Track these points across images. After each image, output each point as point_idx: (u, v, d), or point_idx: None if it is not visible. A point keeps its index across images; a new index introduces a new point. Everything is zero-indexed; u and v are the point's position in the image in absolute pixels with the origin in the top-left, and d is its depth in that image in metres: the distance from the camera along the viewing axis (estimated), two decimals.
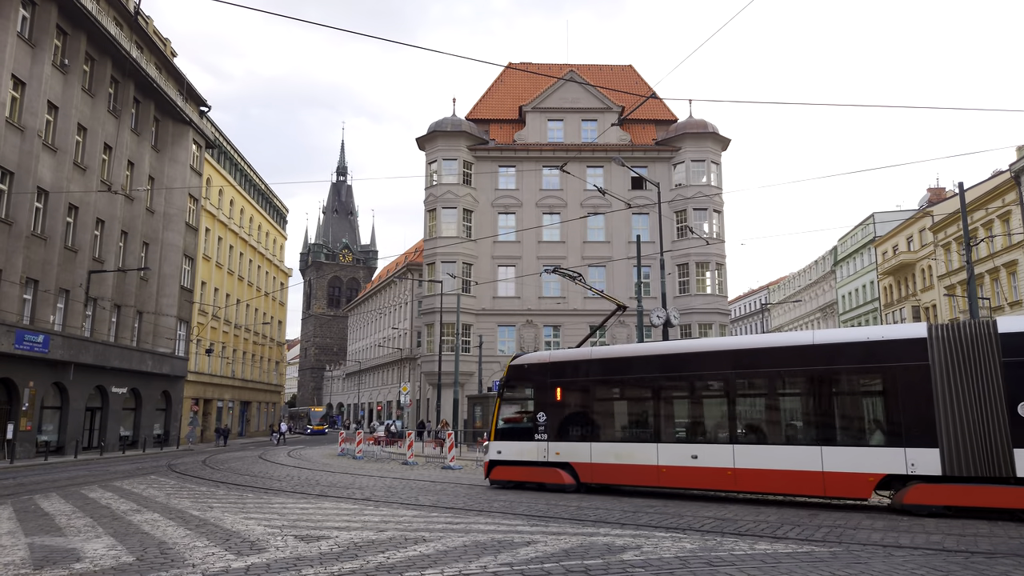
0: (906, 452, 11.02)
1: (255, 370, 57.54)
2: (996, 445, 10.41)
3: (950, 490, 10.62)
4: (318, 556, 7.37)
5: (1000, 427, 10.42)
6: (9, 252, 25.38)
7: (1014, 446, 10.27)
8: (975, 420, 10.62)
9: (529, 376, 15.50)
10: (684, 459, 13.02)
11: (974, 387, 10.69)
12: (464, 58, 11.68)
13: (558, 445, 14.67)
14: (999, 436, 10.42)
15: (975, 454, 10.52)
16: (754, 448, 12.42)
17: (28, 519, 10.46)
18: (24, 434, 26.57)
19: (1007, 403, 10.44)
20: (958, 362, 10.85)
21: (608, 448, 14.07)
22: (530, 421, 15.25)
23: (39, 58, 27.15)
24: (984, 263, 42.22)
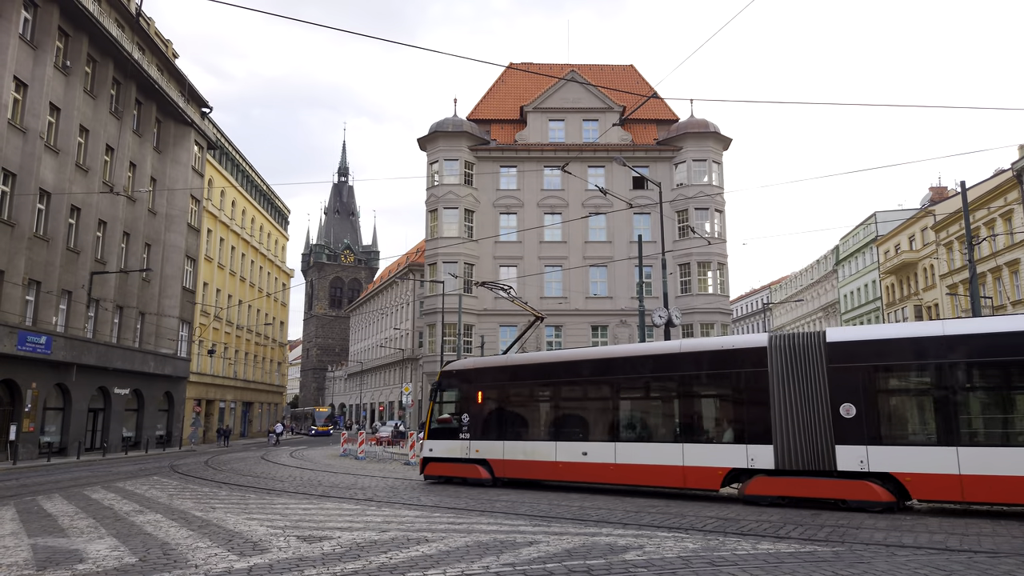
0: (747, 448, 12.38)
1: (257, 371, 57.59)
2: (821, 442, 11.65)
3: (784, 482, 11.96)
4: (321, 556, 7.38)
5: (825, 426, 11.65)
6: (11, 253, 25.42)
7: (836, 443, 11.49)
8: (805, 420, 11.84)
9: (457, 381, 17.07)
10: (576, 455, 14.54)
11: (805, 391, 11.93)
12: (465, 58, 11.71)
13: (478, 443, 16.20)
14: (824, 434, 11.64)
15: (804, 450, 11.78)
16: (631, 445, 13.90)
17: (31, 520, 10.47)
18: (27, 435, 26.60)
19: (831, 405, 11.63)
20: (792, 369, 12.11)
21: (517, 446, 15.61)
22: (457, 422, 16.68)
23: (41, 60, 27.20)
24: (986, 262, 42.15)
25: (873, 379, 11.58)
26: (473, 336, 39.43)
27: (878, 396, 11.54)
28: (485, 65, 36.67)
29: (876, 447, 11.26)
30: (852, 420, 11.50)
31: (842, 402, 11.60)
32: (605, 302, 40.27)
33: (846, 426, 11.50)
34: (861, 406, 11.48)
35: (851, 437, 11.44)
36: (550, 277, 40.77)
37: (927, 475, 10.81)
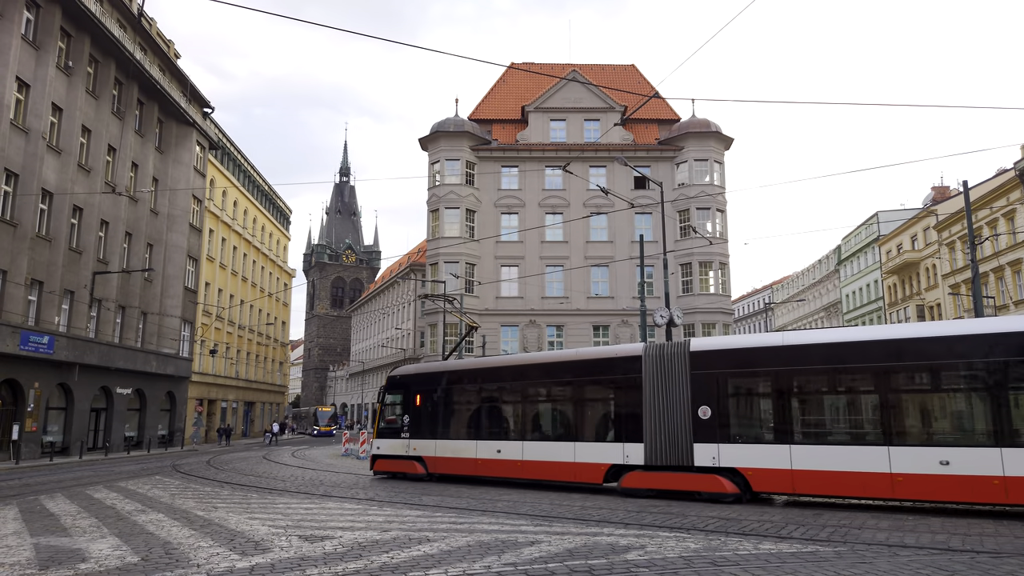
0: (624, 447, 13.86)
1: (259, 371, 57.63)
2: (682, 441, 13.06)
3: (653, 476, 13.40)
4: (322, 556, 7.38)
5: (685, 427, 13.05)
6: (14, 253, 25.46)
7: (694, 442, 12.89)
8: (669, 421, 13.24)
9: (400, 385, 18.78)
10: (493, 453, 16.06)
11: (670, 395, 13.32)
12: (466, 58, 11.67)
13: (415, 442, 17.86)
14: (684, 434, 13.05)
15: (668, 448, 13.20)
16: (535, 444, 15.46)
17: (34, 519, 10.49)
18: (29, 435, 26.65)
19: (691, 408, 13.00)
20: (661, 375, 13.50)
21: (446, 444, 17.19)
22: (399, 423, 18.42)
23: (43, 60, 27.24)
24: (988, 262, 42.09)
25: (724, 385, 12.95)
26: (474, 336, 39.44)
27: (728, 400, 12.93)
28: (487, 65, 36.68)
29: (726, 445, 12.65)
30: (707, 421, 12.87)
31: (700, 405, 12.99)
32: (607, 302, 40.25)
33: (702, 426, 12.90)
34: (715, 409, 12.86)
35: (706, 436, 12.84)
36: (551, 277, 40.75)
37: (766, 470, 12.18)
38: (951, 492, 10.66)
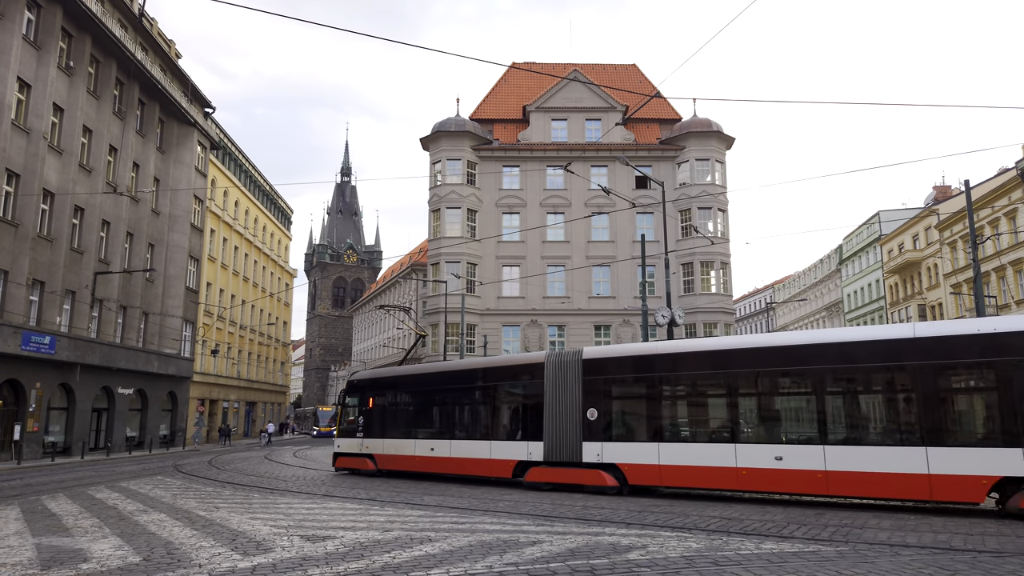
0: (528, 445, 15.35)
1: (260, 371, 57.66)
2: (573, 439, 14.54)
3: (550, 471, 14.90)
4: (324, 556, 7.38)
5: (576, 427, 14.55)
6: (15, 254, 25.48)
7: (583, 440, 14.38)
8: (564, 422, 14.76)
9: (356, 389, 20.59)
10: (427, 451, 17.78)
11: (565, 398, 14.82)
12: (468, 58, 11.66)
13: (367, 441, 19.61)
14: (575, 433, 14.53)
15: (562, 446, 14.70)
16: (460, 443, 17.03)
17: (35, 519, 10.50)
18: (31, 435, 26.67)
19: (582, 410, 14.48)
20: (559, 380, 14.97)
21: (391, 443, 18.92)
22: (356, 423, 20.14)
23: (44, 60, 27.25)
24: (990, 261, 42.05)
25: (608, 389, 14.54)
26: (476, 336, 39.44)
27: (611, 402, 14.51)
28: (488, 64, 36.79)
29: (608, 443, 14.19)
30: (594, 422, 14.40)
31: (589, 407, 14.52)
32: (608, 302, 40.24)
33: (590, 427, 14.42)
34: (600, 411, 14.42)
35: (593, 435, 14.36)
36: (553, 277, 40.75)
37: (640, 465, 13.72)
38: (785, 484, 12.07)
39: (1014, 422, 10.39)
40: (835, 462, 11.56)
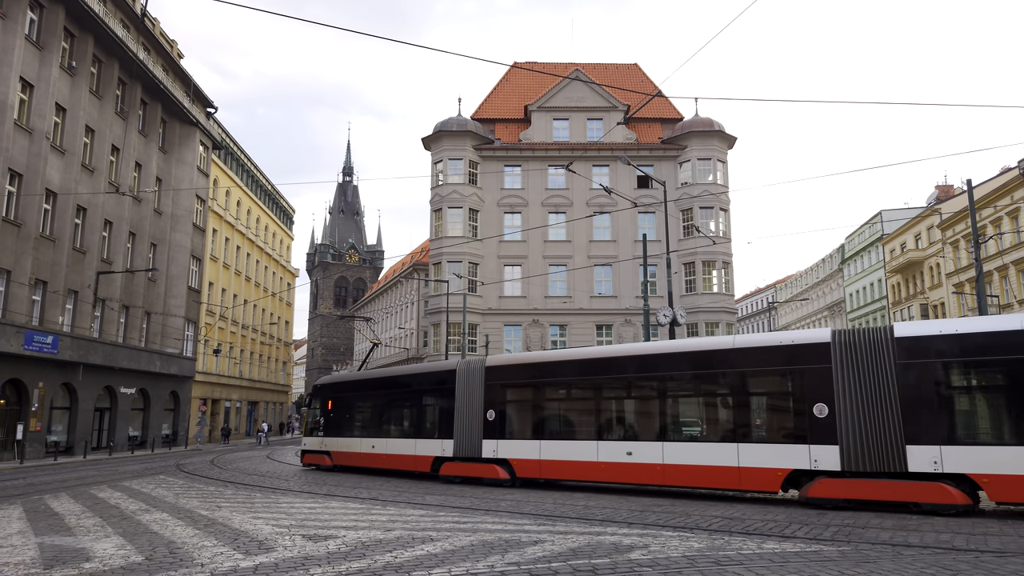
0: (442, 442, 17.30)
1: (262, 370, 57.71)
2: (476, 438, 16.41)
3: (458, 466, 16.79)
4: (326, 555, 7.39)
5: (478, 427, 16.42)
6: (18, 253, 25.52)
7: (483, 438, 16.28)
8: (468, 422, 16.62)
9: (318, 393, 22.80)
10: (369, 448, 19.93)
11: (470, 401, 16.71)
12: (469, 57, 11.66)
13: (326, 439, 21.86)
14: (477, 432, 16.41)
15: (467, 443, 16.55)
16: (393, 440, 19.16)
17: (38, 519, 10.52)
18: (34, 434, 26.72)
19: (483, 412, 16.43)
20: (466, 385, 16.87)
21: (343, 441, 21.09)
22: (318, 423, 22.37)
23: (47, 60, 27.29)
24: (993, 260, 41.98)
25: (504, 393, 16.39)
26: (478, 335, 39.45)
27: (505, 405, 16.31)
28: (490, 63, 36.81)
29: (502, 441, 15.98)
30: (492, 422, 16.22)
31: (488, 409, 16.38)
32: (610, 301, 40.22)
33: (489, 427, 16.25)
34: (496, 412, 16.28)
35: (490, 434, 16.19)
36: (555, 276, 40.73)
37: (525, 460, 15.47)
38: (633, 476, 13.83)
39: (801, 423, 12.08)
40: (671, 457, 13.36)
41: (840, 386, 11.72)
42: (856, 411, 11.54)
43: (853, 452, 11.44)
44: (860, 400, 11.57)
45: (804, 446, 11.90)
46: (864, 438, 11.41)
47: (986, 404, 11.31)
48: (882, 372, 11.43)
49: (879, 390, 11.42)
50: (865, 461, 11.34)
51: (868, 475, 11.38)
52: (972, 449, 10.73)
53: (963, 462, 10.69)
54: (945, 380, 11.22)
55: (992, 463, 10.49)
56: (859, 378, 11.62)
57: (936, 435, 10.93)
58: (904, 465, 11.02)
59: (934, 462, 10.84)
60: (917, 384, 11.19)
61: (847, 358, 11.78)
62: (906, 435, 11.09)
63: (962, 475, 10.69)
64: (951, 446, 10.80)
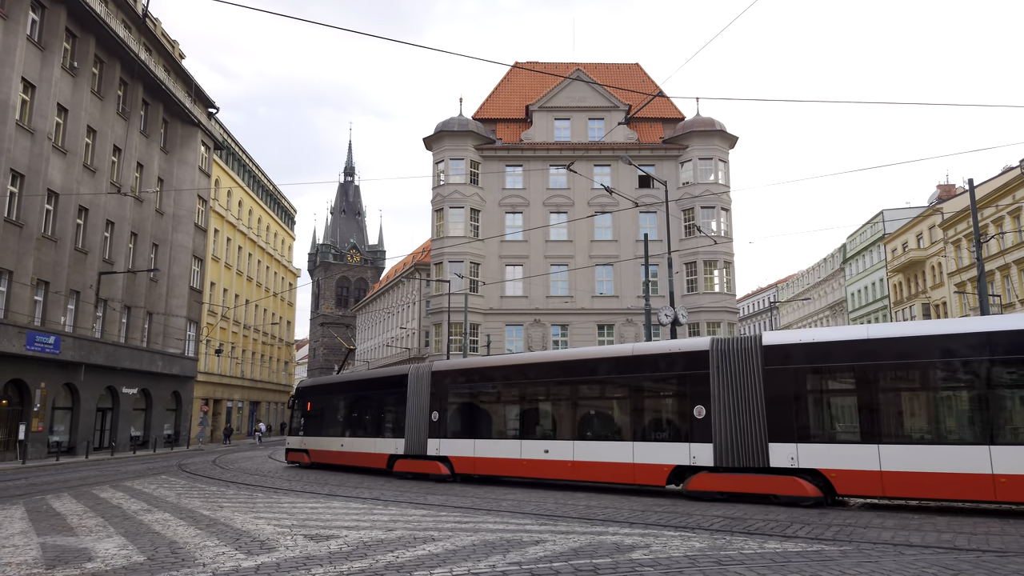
0: (396, 441, 18.83)
1: (264, 370, 57.75)
2: (422, 437, 18.01)
3: (408, 463, 18.38)
4: (328, 555, 7.40)
5: (424, 427, 17.99)
6: (20, 254, 25.56)
7: (428, 438, 17.86)
8: (417, 422, 18.25)
9: (299, 395, 24.73)
10: (339, 447, 21.66)
11: (418, 403, 18.32)
12: (471, 57, 11.65)
13: (304, 438, 23.59)
14: (423, 432, 18.03)
15: (416, 442, 18.18)
16: (357, 439, 20.85)
17: (40, 519, 10.54)
18: (36, 435, 26.76)
19: (428, 412, 18.01)
20: (415, 389, 18.50)
21: (318, 440, 22.85)
22: (299, 423, 24.18)
23: (48, 61, 27.32)
24: (995, 260, 41.94)
25: (446, 395, 17.82)
26: (479, 335, 39.45)
27: (447, 407, 17.84)
28: (491, 63, 36.79)
29: (444, 440, 17.49)
30: (436, 423, 17.75)
31: (433, 411, 17.89)
32: (611, 301, 40.21)
33: (433, 427, 17.78)
34: (440, 414, 17.78)
35: (434, 433, 17.73)
36: (556, 276, 40.72)
37: (463, 457, 16.99)
38: (550, 472, 15.21)
39: (684, 423, 13.43)
40: (580, 454, 14.76)
41: (716, 390, 12.95)
42: (729, 412, 12.76)
43: (725, 449, 12.68)
44: (732, 402, 12.74)
45: (686, 444, 13.26)
46: (734, 437, 12.63)
47: (834, 406, 12.38)
48: (751, 377, 12.63)
49: (748, 393, 12.60)
50: (735, 457, 12.56)
51: (738, 470, 12.55)
52: (822, 447, 11.85)
53: (815, 458, 11.82)
54: (801, 384, 12.33)
55: (839, 459, 11.63)
56: (732, 383, 12.83)
57: (793, 434, 12.08)
58: (767, 461, 12.19)
59: (791, 458, 12.00)
60: (779, 388, 12.35)
61: (723, 364, 12.99)
62: (769, 434, 12.26)
63: (814, 470, 11.78)
64: (805, 444, 11.96)
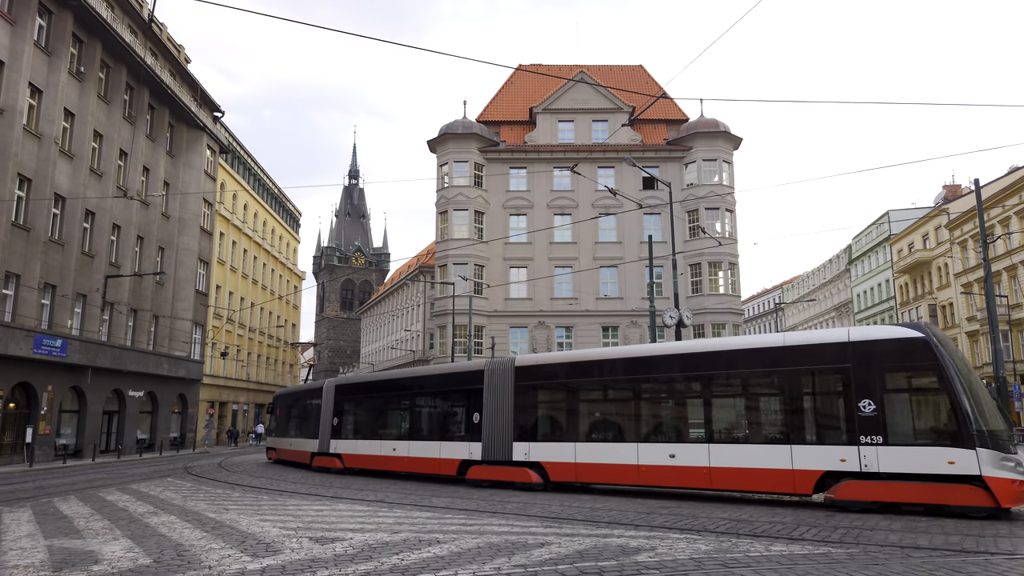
0: (313, 441, 22.73)
1: (270, 373, 57.86)
2: (327, 438, 22.11)
3: (319, 459, 22.33)
4: (333, 558, 7.41)
5: (327, 430, 22.14)
6: (27, 258, 25.68)
7: (331, 439, 21.84)
8: (323, 427, 22.31)
9: (275, 401, 29.12)
10: (288, 445, 25.47)
11: (324, 412, 22.37)
12: (474, 60, 11.67)
13: (275, 439, 27.84)
14: (327, 434, 22.06)
15: (323, 442, 22.11)
16: (295, 439, 25.14)
17: (47, 521, 10.57)
18: (43, 437, 26.86)
19: (329, 418, 22.19)
20: (326, 399, 22.44)
21: (279, 440, 27.14)
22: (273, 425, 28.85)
23: (55, 66, 27.47)
24: (1001, 260, 41.75)
25: (342, 404, 21.93)
26: (484, 337, 39.46)
27: (343, 414, 21.76)
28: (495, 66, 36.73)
29: (338, 440, 21.53)
30: (336, 427, 21.77)
31: (333, 417, 21.93)
32: (616, 303, 40.18)
33: (333, 430, 21.82)
34: (338, 419, 21.83)
35: (334, 435, 21.74)
36: (560, 278, 40.72)
37: (353, 454, 20.75)
38: (432, 467, 17.87)
39: (469, 427, 17.00)
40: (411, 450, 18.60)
41: (486, 401, 16.52)
42: (492, 418, 16.32)
43: (489, 447, 16.28)
44: (495, 410, 16.27)
45: (467, 443, 16.91)
46: (495, 437, 16.18)
47: (549, 413, 15.97)
48: (506, 391, 16.12)
49: (504, 404, 16.13)
50: (495, 453, 16.17)
51: (497, 463, 16.14)
52: (542, 444, 15.42)
53: (538, 453, 15.40)
54: (533, 396, 15.99)
55: (551, 454, 15.18)
56: (495, 395, 16.36)
57: (527, 434, 15.73)
58: (511, 456, 15.78)
59: (525, 453, 15.57)
60: (522, 399, 15.95)
61: (491, 380, 16.49)
62: (514, 435, 15.83)
63: (538, 463, 15.33)
64: (534, 442, 15.54)
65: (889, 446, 10.99)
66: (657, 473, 13.51)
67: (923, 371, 11.10)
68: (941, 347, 10.98)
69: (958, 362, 11.09)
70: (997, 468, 10.29)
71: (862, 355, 11.50)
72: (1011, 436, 11.45)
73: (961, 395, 10.55)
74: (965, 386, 10.69)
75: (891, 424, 11.10)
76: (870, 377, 11.32)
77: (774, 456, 12.06)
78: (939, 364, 10.81)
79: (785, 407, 12.35)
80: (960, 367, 11.00)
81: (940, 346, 10.98)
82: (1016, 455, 10.66)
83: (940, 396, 10.88)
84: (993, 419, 11.00)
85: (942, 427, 10.84)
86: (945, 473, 10.53)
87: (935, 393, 11.00)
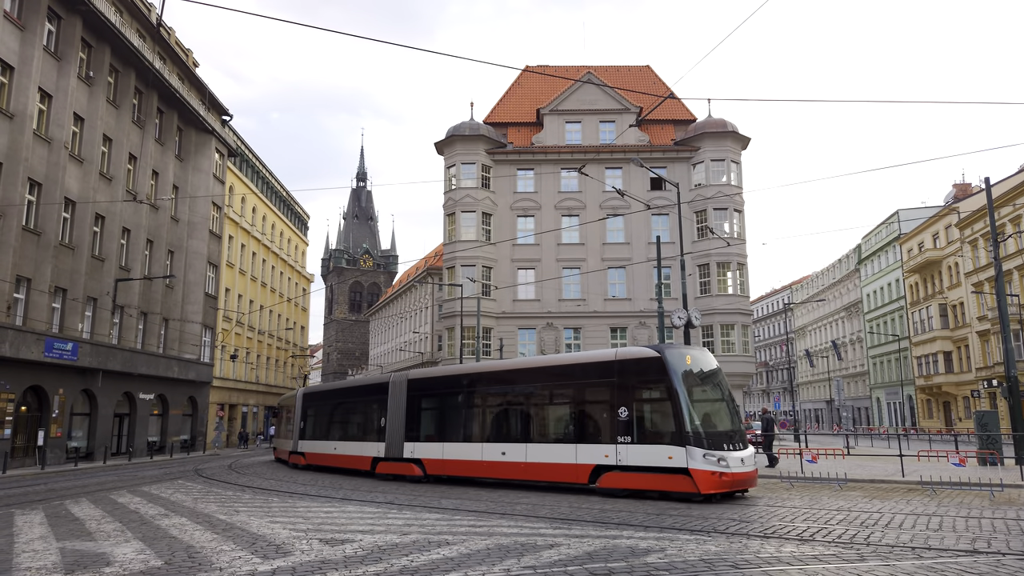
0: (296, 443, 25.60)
1: (279, 375, 58.06)
2: (294, 439, 25.78)
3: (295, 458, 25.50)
4: (343, 559, 7.42)
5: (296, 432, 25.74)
6: (38, 262, 25.87)
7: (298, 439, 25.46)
8: (291, 430, 26.27)
9: (282, 404, 30.72)
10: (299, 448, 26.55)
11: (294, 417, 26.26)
12: (482, 62, 11.69)
13: (275, 440, 31.10)
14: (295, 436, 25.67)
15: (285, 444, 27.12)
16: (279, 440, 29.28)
17: (59, 524, 10.64)
18: (54, 440, 27.04)
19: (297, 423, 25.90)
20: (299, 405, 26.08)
21: (278, 440, 29.89)
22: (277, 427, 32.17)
23: (65, 71, 27.67)
24: (1012, 259, 41.44)
25: (307, 410, 25.40)
26: (492, 339, 39.47)
27: (306, 419, 25.15)
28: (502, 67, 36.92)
29: (303, 441, 24.93)
30: (301, 429, 25.23)
31: (300, 421, 25.43)
32: (624, 304, 40.11)
33: (299, 432, 25.28)
34: (302, 423, 25.30)
35: (300, 436, 25.22)
36: (568, 279, 40.68)
37: (312, 453, 24.01)
38: (355, 464, 20.93)
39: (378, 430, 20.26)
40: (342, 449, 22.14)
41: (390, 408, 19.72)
42: (392, 423, 19.57)
43: (390, 446, 19.41)
44: (393, 416, 19.57)
45: (376, 443, 20.10)
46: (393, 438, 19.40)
47: (427, 418, 18.93)
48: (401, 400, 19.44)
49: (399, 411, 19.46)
50: (392, 451, 19.32)
51: (394, 459, 19.22)
52: (422, 444, 18.53)
53: (419, 452, 18.50)
54: (418, 403, 19.12)
55: (428, 452, 18.25)
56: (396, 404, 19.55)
57: (413, 436, 18.86)
58: (403, 454, 18.87)
59: (411, 452, 18.67)
60: (411, 406, 19.18)
61: (393, 391, 19.80)
62: (405, 436, 19.02)
63: (419, 459, 18.43)
64: (416, 443, 18.68)
65: (636, 444, 13.69)
66: (494, 468, 16.36)
67: (656, 384, 13.75)
68: (672, 364, 13.44)
69: (690, 376, 13.58)
70: (700, 462, 12.76)
71: (621, 371, 14.25)
72: (731, 436, 13.54)
73: (681, 403, 13.08)
74: (686, 396, 13.19)
75: (638, 427, 13.78)
76: (625, 389, 14.08)
77: (566, 453, 14.99)
78: (668, 378, 13.33)
79: (574, 413, 15.39)
80: (690, 380, 13.50)
81: (671, 363, 13.44)
82: (724, 452, 12.94)
83: (666, 404, 13.46)
84: (714, 422, 13.72)
85: (667, 429, 13.38)
86: (667, 466, 13.16)
87: (663, 402, 13.59)
